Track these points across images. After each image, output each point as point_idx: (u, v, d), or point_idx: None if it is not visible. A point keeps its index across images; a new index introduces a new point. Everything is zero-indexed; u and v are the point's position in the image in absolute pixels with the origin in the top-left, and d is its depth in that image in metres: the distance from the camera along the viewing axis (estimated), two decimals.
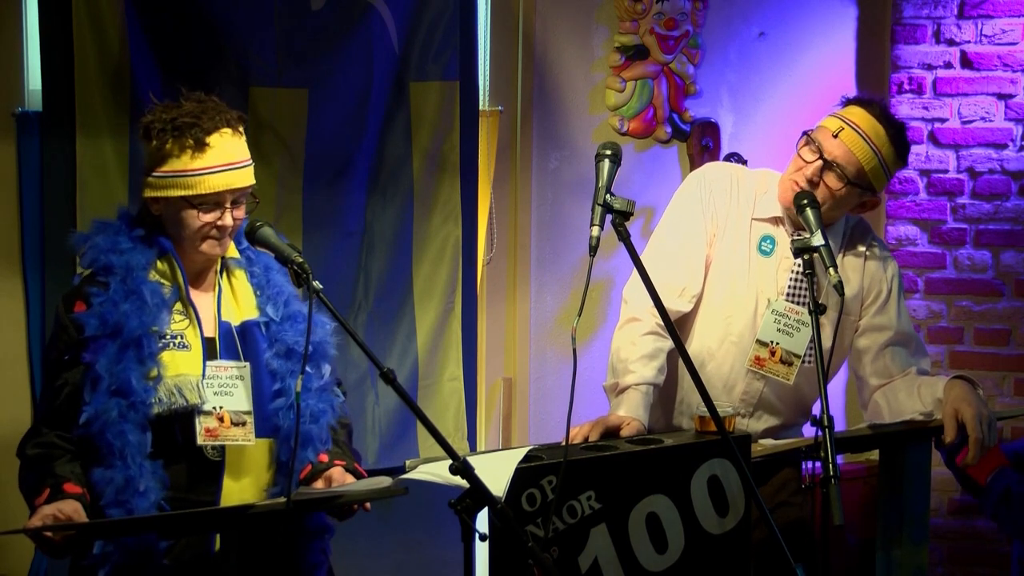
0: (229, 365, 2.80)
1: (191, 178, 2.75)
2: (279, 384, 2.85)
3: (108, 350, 2.70)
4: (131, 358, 2.70)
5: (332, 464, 2.86)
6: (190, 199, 2.76)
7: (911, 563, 3.20)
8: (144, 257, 2.79)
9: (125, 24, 3.75)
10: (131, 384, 2.69)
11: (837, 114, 3.22)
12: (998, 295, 4.95)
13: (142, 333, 2.72)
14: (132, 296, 2.74)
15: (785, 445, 3.10)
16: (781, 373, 3.23)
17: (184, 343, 2.78)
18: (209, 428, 2.75)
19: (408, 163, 4.27)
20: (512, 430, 4.73)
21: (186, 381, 2.75)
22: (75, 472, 2.68)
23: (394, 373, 2.45)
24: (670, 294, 3.15)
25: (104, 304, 2.72)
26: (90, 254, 2.80)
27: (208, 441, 2.75)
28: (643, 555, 2.73)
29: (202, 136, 2.76)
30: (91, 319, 2.72)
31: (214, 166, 2.76)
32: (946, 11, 4.93)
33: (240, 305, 2.87)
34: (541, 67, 4.68)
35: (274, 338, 2.87)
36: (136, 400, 2.69)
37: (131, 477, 2.67)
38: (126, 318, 2.71)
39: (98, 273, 2.77)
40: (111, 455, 2.67)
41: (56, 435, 2.71)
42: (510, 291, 4.72)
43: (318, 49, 4.05)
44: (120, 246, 2.79)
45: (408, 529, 4.36)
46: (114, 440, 2.67)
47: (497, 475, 2.51)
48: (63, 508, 2.58)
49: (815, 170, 3.15)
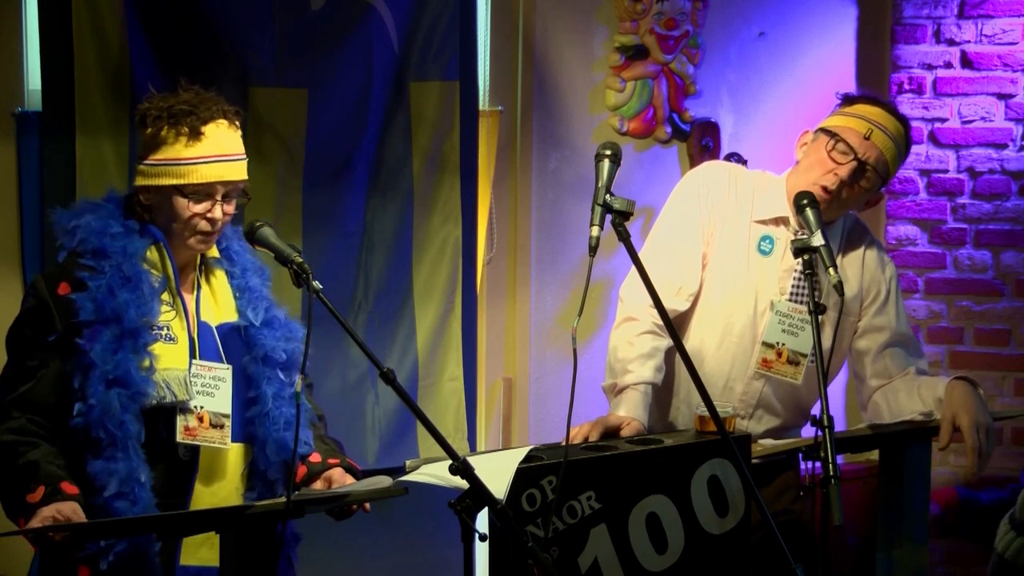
0: (213, 365, 2.78)
1: (184, 167, 2.73)
2: (255, 391, 2.83)
3: (103, 337, 2.66)
4: (128, 348, 2.67)
5: (327, 464, 2.86)
6: (182, 188, 2.73)
7: (911, 563, 3.20)
8: (140, 244, 2.75)
9: (125, 24, 3.75)
10: (131, 375, 2.66)
11: (856, 113, 3.20)
12: (998, 295, 4.94)
13: (139, 324, 2.69)
14: (129, 284, 2.70)
15: (785, 445, 3.10)
16: (789, 373, 3.24)
17: (171, 335, 2.75)
18: (188, 427, 2.73)
19: (408, 163, 4.27)
20: (512, 430, 4.72)
21: (174, 376, 2.72)
22: (61, 466, 2.63)
23: (394, 373, 2.45)
24: (667, 293, 3.15)
25: (100, 289, 2.68)
26: (80, 234, 2.74)
27: (186, 440, 2.73)
28: (643, 555, 2.73)
29: (198, 125, 2.74)
30: (86, 303, 2.67)
31: (208, 156, 2.75)
32: (946, 11, 4.93)
33: (220, 306, 2.85)
34: (541, 67, 4.68)
35: (252, 342, 2.84)
36: (135, 391, 2.67)
37: (133, 468, 2.66)
38: (125, 307, 2.68)
39: (85, 255, 2.72)
40: (112, 446, 2.64)
41: (28, 419, 2.66)
42: (510, 291, 4.72)
43: (318, 49, 4.05)
44: (111, 230, 2.75)
45: (408, 529, 4.36)
46: (116, 431, 2.64)
47: (497, 475, 2.51)
48: (62, 509, 2.56)
49: (849, 171, 3.15)
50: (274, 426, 2.83)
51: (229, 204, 2.80)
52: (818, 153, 3.20)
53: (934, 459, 3.33)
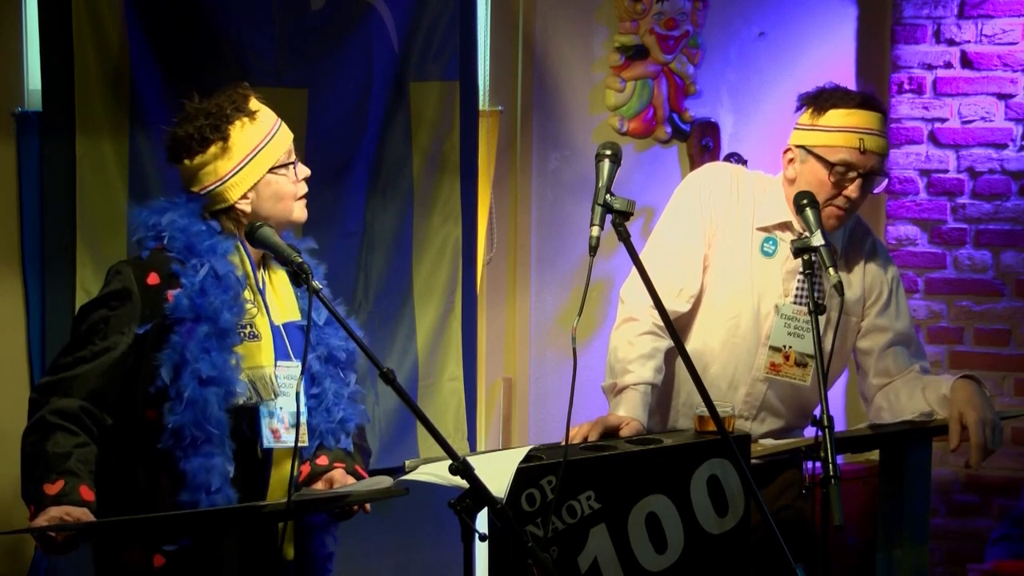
0: (286, 364, 2.80)
1: (266, 147, 2.80)
2: (317, 388, 2.85)
3: (197, 335, 2.67)
4: (221, 347, 2.69)
5: (332, 467, 2.86)
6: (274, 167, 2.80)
7: (911, 563, 3.20)
8: (228, 243, 2.77)
9: (125, 24, 3.75)
10: (226, 374, 2.68)
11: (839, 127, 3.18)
12: (998, 295, 4.95)
13: (232, 324, 2.71)
14: (220, 283, 2.72)
15: (785, 445, 3.11)
16: (797, 376, 3.24)
17: (255, 332, 2.77)
18: (275, 429, 2.76)
19: (408, 163, 4.27)
20: (512, 430, 4.72)
21: (260, 375, 2.74)
22: (89, 470, 2.63)
23: (394, 373, 2.45)
24: (668, 294, 3.15)
25: (194, 288, 2.69)
26: (167, 231, 2.75)
27: (275, 444, 2.75)
28: (643, 555, 2.73)
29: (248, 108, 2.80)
30: (182, 300, 2.68)
31: (275, 125, 2.84)
32: (946, 11, 4.93)
33: (283, 305, 2.86)
34: (541, 67, 4.68)
35: (316, 341, 2.86)
36: (227, 391, 2.68)
37: (226, 465, 2.68)
38: (220, 307, 2.69)
39: (174, 251, 2.73)
40: (209, 443, 2.65)
41: (81, 406, 2.65)
42: (510, 291, 4.72)
43: (318, 49, 4.05)
44: (195, 228, 2.76)
45: (408, 529, 4.36)
46: (213, 429, 2.65)
47: (497, 475, 2.51)
48: (72, 512, 2.56)
49: (857, 188, 3.16)
50: (329, 421, 2.86)
51: (299, 167, 2.88)
52: (817, 176, 3.18)
53: (934, 459, 3.33)
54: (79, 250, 3.73)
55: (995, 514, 4.92)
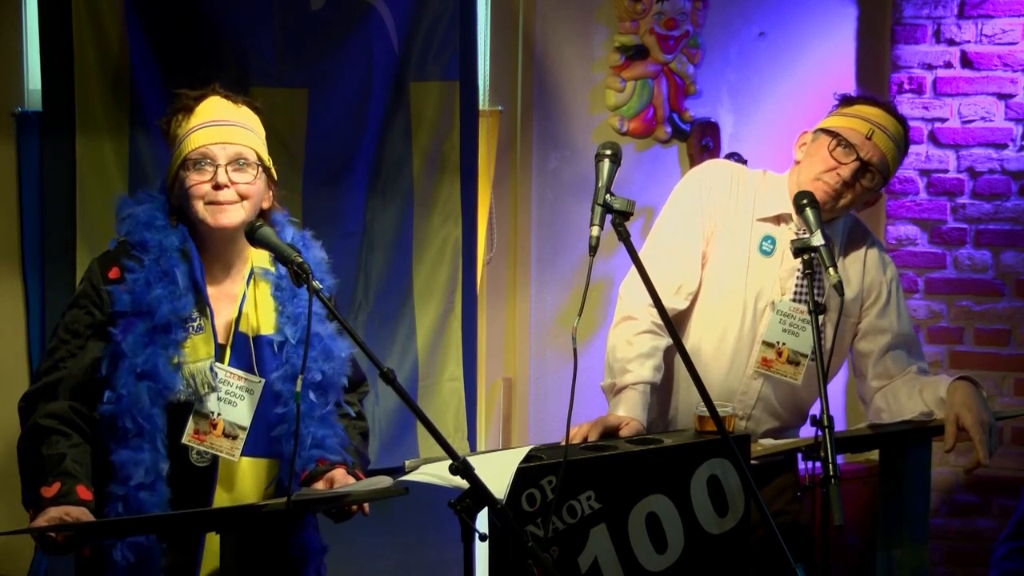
0: (242, 375, 2.78)
1: (182, 143, 2.77)
2: (283, 408, 2.81)
3: (136, 330, 2.68)
4: (159, 342, 2.69)
5: (333, 467, 2.85)
6: (184, 162, 2.75)
7: (911, 563, 3.20)
8: (176, 238, 2.77)
9: (125, 24, 3.75)
10: (158, 370, 2.68)
11: (857, 114, 3.21)
12: (998, 295, 4.94)
13: (172, 319, 2.71)
14: (164, 278, 2.72)
15: (784, 445, 3.10)
16: (789, 373, 3.24)
17: (199, 325, 2.76)
18: (198, 430, 2.74)
19: (408, 163, 4.26)
20: (512, 430, 4.72)
21: (199, 369, 2.73)
22: (85, 469, 2.65)
23: (394, 373, 2.45)
24: (666, 291, 3.15)
25: (137, 282, 2.71)
26: (127, 224, 2.78)
27: (192, 443, 2.74)
28: (643, 555, 2.73)
29: (190, 104, 2.79)
30: (123, 295, 2.70)
31: (200, 123, 2.77)
32: (946, 11, 4.93)
33: (259, 318, 2.84)
34: (541, 67, 4.68)
35: (286, 359, 2.83)
36: (163, 386, 2.68)
37: (157, 460, 2.67)
38: (159, 302, 2.70)
39: (133, 246, 2.76)
40: (139, 437, 2.66)
41: (70, 405, 2.68)
42: (510, 291, 4.72)
43: (318, 49, 4.05)
44: (156, 222, 2.77)
45: (408, 529, 4.36)
46: (144, 423, 2.66)
47: (497, 475, 2.51)
48: (70, 512, 2.56)
49: (851, 171, 3.16)
50: (300, 445, 2.81)
51: (239, 173, 2.77)
52: (820, 152, 3.20)
53: (934, 459, 3.33)
54: (79, 250, 3.74)
55: (995, 514, 4.92)
